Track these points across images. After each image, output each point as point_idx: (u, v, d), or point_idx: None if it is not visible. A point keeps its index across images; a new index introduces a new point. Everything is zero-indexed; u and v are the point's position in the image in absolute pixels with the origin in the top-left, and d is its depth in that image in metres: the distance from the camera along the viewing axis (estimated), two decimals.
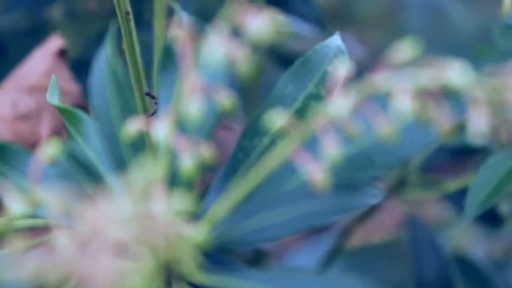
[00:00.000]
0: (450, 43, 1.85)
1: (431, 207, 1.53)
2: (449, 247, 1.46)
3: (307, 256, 1.42)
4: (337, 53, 0.83)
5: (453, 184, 1.40)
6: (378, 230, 1.53)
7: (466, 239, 1.52)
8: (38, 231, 0.68)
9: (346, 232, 1.45)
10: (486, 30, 1.60)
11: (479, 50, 1.19)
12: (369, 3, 1.98)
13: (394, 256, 1.52)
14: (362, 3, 1.97)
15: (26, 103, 1.13)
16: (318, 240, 1.45)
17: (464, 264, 1.39)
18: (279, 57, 1.39)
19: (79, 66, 1.26)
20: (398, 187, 1.44)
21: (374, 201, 0.68)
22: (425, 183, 1.43)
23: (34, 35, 1.35)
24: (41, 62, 1.14)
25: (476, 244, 1.53)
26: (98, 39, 0.77)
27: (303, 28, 1.38)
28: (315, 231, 1.46)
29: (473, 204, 1.22)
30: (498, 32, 1.08)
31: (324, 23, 1.42)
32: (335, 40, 0.84)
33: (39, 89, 1.13)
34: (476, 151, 1.33)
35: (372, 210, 1.45)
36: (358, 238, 1.49)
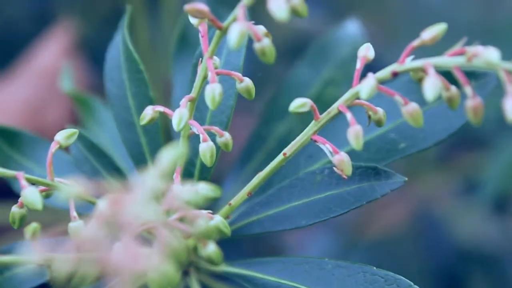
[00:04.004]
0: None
1: (445, 198, 1.52)
2: (463, 238, 1.44)
3: (321, 251, 1.40)
4: (355, 37, 0.82)
5: (465, 173, 1.39)
6: (392, 223, 1.52)
7: (480, 230, 1.51)
8: (56, 219, 0.67)
9: (360, 226, 1.45)
10: (477, 19, 1.59)
11: None
12: None
13: (407, 249, 1.51)
14: None
15: (38, 90, 1.11)
16: (329, 235, 1.43)
17: (478, 254, 1.38)
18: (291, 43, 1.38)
19: (89, 49, 1.24)
20: (413, 176, 1.43)
21: (396, 186, 0.66)
22: (439, 172, 1.42)
23: (43, 19, 1.33)
24: (52, 49, 1.13)
25: (490, 234, 1.52)
26: (107, 21, 0.75)
27: (315, 12, 1.37)
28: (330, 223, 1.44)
29: (487, 194, 1.21)
30: None
31: (337, 7, 1.40)
32: (352, 25, 0.83)
33: (51, 77, 1.11)
34: (484, 141, 1.32)
35: (385, 203, 1.44)
36: (372, 232, 1.47)
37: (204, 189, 0.61)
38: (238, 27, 0.58)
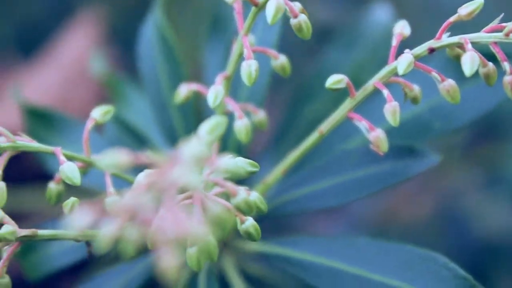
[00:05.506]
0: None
1: (470, 191, 1.51)
2: (489, 232, 1.43)
3: None
4: (385, 21, 0.82)
5: (489, 165, 1.39)
6: (416, 217, 1.51)
7: (506, 223, 1.50)
8: (93, 196, 0.67)
9: (384, 219, 1.44)
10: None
11: None
12: None
13: (431, 243, 1.50)
14: None
15: (66, 78, 1.11)
16: (352, 228, 1.42)
17: (504, 248, 1.37)
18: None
19: (116, 37, 1.24)
20: (437, 169, 1.42)
21: (431, 164, 0.66)
22: (463, 165, 1.42)
23: (71, 7, 1.33)
24: (79, 37, 1.13)
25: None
26: (134, 11, 0.75)
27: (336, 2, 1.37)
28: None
29: (510, 186, 1.21)
30: None
31: None
32: (382, 9, 0.83)
33: (78, 65, 1.12)
34: (508, 132, 1.32)
35: (409, 196, 1.44)
36: (396, 225, 1.46)
37: (242, 162, 0.61)
38: (275, 2, 0.58)
